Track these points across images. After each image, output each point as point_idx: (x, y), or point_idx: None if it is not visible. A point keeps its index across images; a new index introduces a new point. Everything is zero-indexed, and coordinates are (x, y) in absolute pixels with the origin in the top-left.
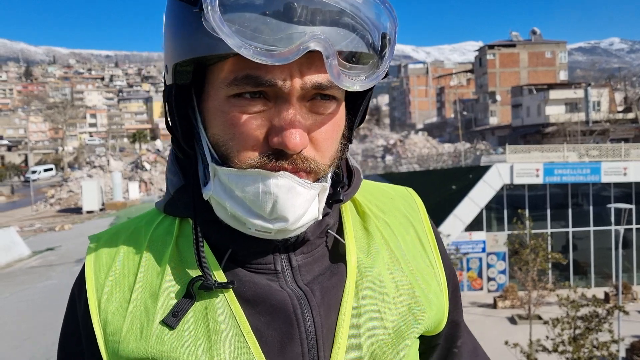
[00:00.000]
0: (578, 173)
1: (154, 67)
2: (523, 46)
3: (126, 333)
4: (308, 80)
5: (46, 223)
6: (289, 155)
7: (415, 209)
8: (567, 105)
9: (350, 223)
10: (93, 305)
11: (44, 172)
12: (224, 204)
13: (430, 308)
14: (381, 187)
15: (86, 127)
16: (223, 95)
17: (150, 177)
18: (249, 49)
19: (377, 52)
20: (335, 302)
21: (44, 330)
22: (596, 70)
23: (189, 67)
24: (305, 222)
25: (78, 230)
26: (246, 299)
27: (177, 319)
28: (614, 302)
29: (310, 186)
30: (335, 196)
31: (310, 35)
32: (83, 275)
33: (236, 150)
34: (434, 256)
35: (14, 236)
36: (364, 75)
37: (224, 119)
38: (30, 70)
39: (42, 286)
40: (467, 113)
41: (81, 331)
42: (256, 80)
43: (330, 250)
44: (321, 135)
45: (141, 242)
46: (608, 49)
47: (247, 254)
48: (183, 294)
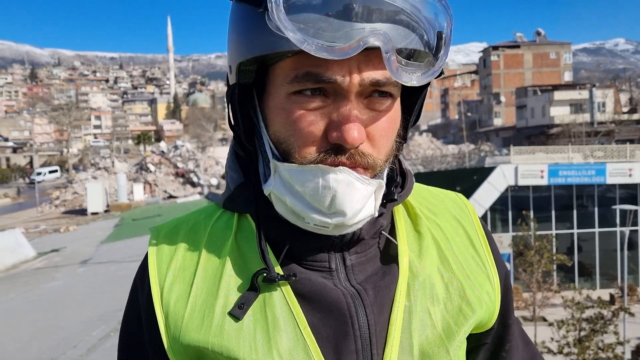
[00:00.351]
0: (583, 174)
1: (158, 69)
2: (527, 47)
3: (187, 322)
4: (366, 77)
5: (51, 224)
6: (347, 150)
7: (465, 211)
8: (572, 106)
9: (402, 225)
10: (156, 294)
11: (49, 173)
12: (284, 199)
13: (480, 307)
14: (431, 190)
15: (91, 129)
16: (284, 92)
17: (154, 179)
18: (311, 44)
19: (433, 50)
20: (387, 301)
21: (50, 331)
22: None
23: (252, 66)
24: (362, 217)
25: (83, 232)
26: (302, 295)
27: (243, 310)
28: (620, 303)
29: (367, 182)
30: (390, 195)
31: (370, 31)
32: (146, 265)
33: (297, 147)
34: (487, 257)
35: (19, 237)
36: (420, 72)
37: (284, 116)
38: (36, 72)
39: (47, 287)
40: (472, 114)
41: (142, 318)
42: (316, 77)
43: (382, 251)
44: (377, 132)
45: (201, 235)
46: (613, 50)
47: (304, 251)
48: (246, 287)
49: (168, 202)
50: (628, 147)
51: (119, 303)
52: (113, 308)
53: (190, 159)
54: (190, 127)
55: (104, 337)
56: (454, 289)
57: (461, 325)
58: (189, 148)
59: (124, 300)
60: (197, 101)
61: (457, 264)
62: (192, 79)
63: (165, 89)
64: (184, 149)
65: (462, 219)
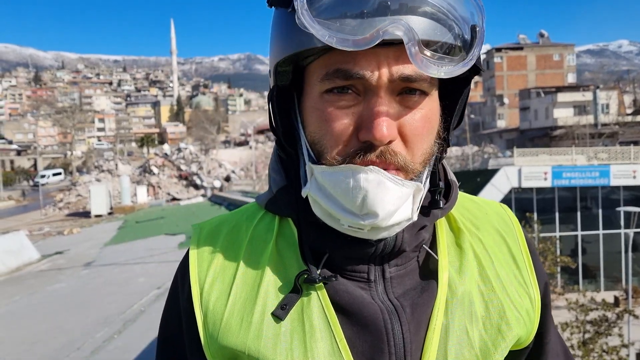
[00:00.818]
0: (587, 176)
1: (161, 72)
2: (531, 49)
3: (226, 323)
4: (395, 72)
5: (55, 227)
6: (376, 148)
7: (509, 225)
8: (576, 108)
9: (444, 239)
10: (195, 293)
11: (53, 176)
12: (319, 201)
13: (519, 328)
14: (476, 201)
15: (94, 132)
16: (317, 92)
17: (158, 181)
18: (332, 37)
19: (465, 43)
20: (424, 318)
21: (54, 334)
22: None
23: (287, 67)
24: (397, 220)
25: (86, 234)
26: (339, 306)
27: (285, 311)
28: (624, 306)
29: (401, 183)
30: (435, 205)
31: (391, 20)
32: (187, 263)
33: (329, 147)
34: (528, 274)
35: (24, 240)
36: (451, 65)
37: (318, 116)
38: (39, 75)
39: (51, 289)
40: (475, 116)
41: (182, 316)
42: (345, 73)
43: (421, 265)
44: (411, 130)
45: (242, 237)
46: (617, 52)
47: (343, 260)
48: (287, 290)
49: (171, 205)
50: (632, 148)
51: (122, 305)
52: (117, 310)
53: (193, 162)
54: (194, 129)
55: (108, 339)
56: (493, 308)
57: (498, 345)
58: (192, 150)
59: (127, 302)
60: (200, 104)
61: (498, 282)
62: (196, 82)
63: (168, 92)
64: (187, 152)
65: (506, 233)
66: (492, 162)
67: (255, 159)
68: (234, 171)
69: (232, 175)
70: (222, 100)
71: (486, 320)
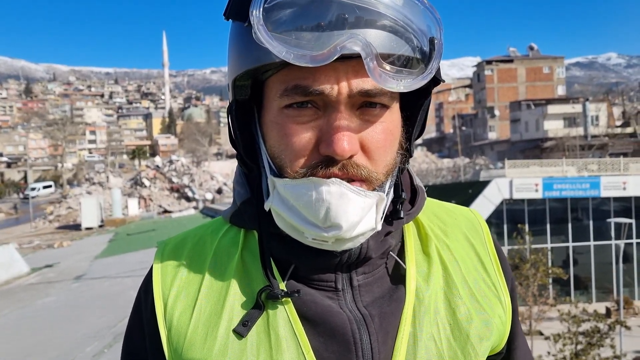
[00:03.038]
0: (577, 187)
1: (153, 84)
2: (521, 61)
3: (190, 338)
4: (355, 87)
5: (45, 240)
6: (338, 162)
7: (478, 231)
8: (566, 120)
9: (412, 246)
10: (159, 307)
11: (43, 189)
12: (282, 214)
13: (490, 334)
14: (446, 207)
15: (85, 144)
16: (276, 107)
17: (149, 194)
18: (289, 53)
19: (424, 55)
20: (392, 327)
21: (44, 348)
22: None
23: (246, 81)
24: (361, 231)
25: (77, 247)
26: (306, 317)
27: (247, 328)
28: (616, 317)
29: (364, 194)
30: (397, 214)
31: (349, 35)
32: (150, 278)
33: (289, 161)
34: (498, 278)
35: (13, 253)
36: (410, 79)
37: (278, 130)
38: (31, 87)
39: (41, 303)
40: (466, 128)
41: (145, 331)
42: (304, 90)
43: (390, 273)
44: (372, 143)
45: (207, 251)
46: (605, 64)
47: (310, 270)
48: (250, 306)
49: (163, 217)
50: (622, 160)
51: (113, 319)
52: (107, 324)
53: (185, 174)
54: (185, 141)
55: (98, 353)
56: (461, 314)
57: (468, 353)
58: (184, 163)
59: (118, 316)
60: (192, 116)
61: (465, 289)
62: (187, 94)
63: (160, 104)
64: (178, 164)
65: (474, 238)
66: (484, 174)
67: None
68: (226, 183)
69: (223, 187)
70: (214, 113)
71: (454, 328)
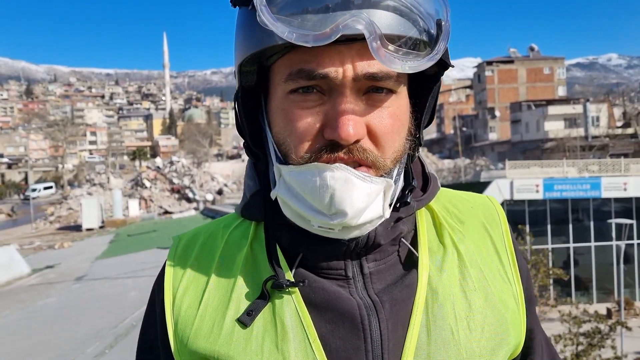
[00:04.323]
0: (578, 188)
1: (154, 85)
2: (521, 62)
3: (196, 329)
4: (360, 70)
5: (46, 241)
6: (344, 146)
7: (495, 219)
8: (566, 121)
9: (425, 234)
10: (168, 301)
11: (44, 190)
12: (288, 202)
13: (504, 328)
14: (461, 195)
15: (86, 145)
16: (281, 92)
17: (150, 195)
18: (291, 33)
19: (431, 38)
20: (403, 315)
21: (45, 349)
22: (594, 86)
23: (252, 67)
24: (368, 218)
25: (77, 248)
26: (314, 304)
27: (251, 317)
28: (617, 318)
29: (369, 179)
30: (403, 198)
31: (352, 14)
32: (163, 273)
33: (293, 146)
34: (512, 270)
35: (14, 254)
36: (417, 60)
37: (283, 116)
38: (31, 88)
39: (41, 304)
40: (467, 129)
41: (157, 325)
42: (309, 73)
43: (403, 260)
44: (379, 129)
45: (217, 244)
46: (606, 65)
47: (318, 259)
48: (256, 296)
49: (163, 218)
50: (622, 161)
51: (114, 320)
52: (108, 325)
53: (185, 175)
54: (186, 142)
55: (99, 354)
56: (476, 307)
57: (483, 347)
58: (184, 164)
59: (119, 317)
60: (192, 117)
61: (481, 281)
62: (188, 95)
63: (160, 105)
64: (179, 165)
65: (491, 226)
66: (484, 175)
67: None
68: (226, 184)
69: (224, 188)
70: (215, 114)
71: (470, 320)
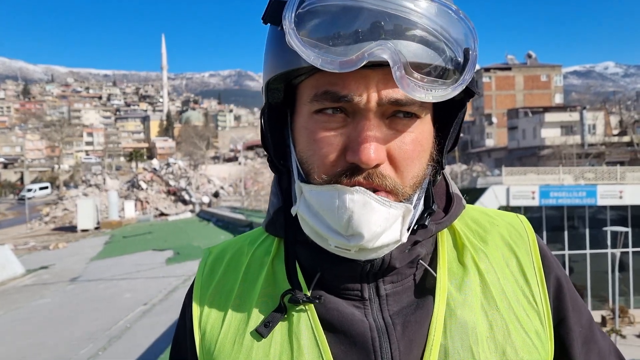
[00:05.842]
0: (574, 196)
1: (151, 87)
2: (519, 69)
3: (220, 345)
4: (385, 96)
5: (40, 241)
6: (364, 170)
7: (523, 237)
8: (563, 128)
9: (445, 255)
10: (195, 314)
11: (40, 190)
12: (307, 220)
13: (526, 351)
14: (487, 213)
15: (83, 146)
16: (307, 111)
17: (146, 196)
18: (317, 58)
19: (457, 66)
20: (419, 337)
21: (38, 350)
22: (591, 94)
23: (279, 85)
24: (385, 242)
25: (72, 249)
26: (329, 324)
27: (269, 329)
28: (611, 325)
29: (388, 204)
30: (421, 221)
31: (378, 43)
32: (192, 288)
33: (316, 166)
34: (539, 290)
35: (8, 254)
36: (441, 89)
37: (307, 135)
38: (28, 88)
39: (35, 305)
40: (464, 135)
41: (187, 340)
42: (334, 95)
43: (419, 282)
44: (400, 154)
45: (243, 260)
46: (603, 73)
47: (336, 279)
48: (273, 308)
49: (159, 220)
50: (618, 169)
51: (108, 322)
52: (102, 327)
53: (182, 177)
54: (183, 144)
55: (93, 356)
56: (498, 328)
57: None
58: (181, 166)
59: (113, 318)
60: (190, 119)
61: (504, 301)
62: (186, 97)
63: (158, 107)
64: (176, 167)
65: (517, 245)
66: (481, 181)
67: (244, 174)
68: (223, 187)
69: (220, 191)
70: (212, 116)
71: (490, 342)
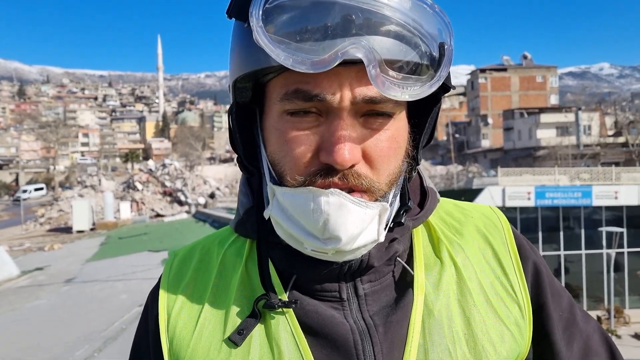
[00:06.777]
0: (569, 196)
1: (147, 87)
2: (514, 70)
3: (192, 351)
4: (358, 94)
5: (36, 242)
6: (338, 171)
7: (498, 227)
8: (558, 129)
9: (421, 251)
10: (163, 319)
11: (35, 191)
12: (281, 223)
13: (505, 344)
14: (461, 206)
15: (78, 147)
16: (277, 111)
17: (142, 197)
18: (288, 58)
19: (433, 61)
20: (399, 338)
21: (33, 351)
22: (586, 95)
23: (247, 83)
24: (362, 243)
25: (68, 250)
26: (309, 328)
27: (243, 336)
28: (607, 326)
29: (365, 205)
30: (397, 218)
31: (351, 41)
32: (157, 289)
33: (288, 168)
34: (517, 279)
35: (3, 255)
36: (417, 86)
37: (278, 136)
38: (24, 89)
39: (30, 306)
40: (459, 136)
41: (150, 341)
42: (305, 94)
43: (398, 280)
44: (376, 152)
45: (213, 263)
46: (598, 74)
47: (312, 280)
48: (248, 314)
49: (155, 221)
50: (614, 169)
51: (104, 323)
52: (98, 328)
53: (178, 178)
54: (179, 145)
55: (88, 357)
56: (475, 324)
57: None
58: (177, 167)
59: (109, 320)
60: (186, 120)
61: (481, 295)
62: (182, 98)
63: (154, 108)
64: (172, 168)
65: (492, 235)
66: (477, 182)
67: (240, 176)
68: (219, 188)
69: (216, 192)
70: (208, 117)
71: (469, 339)
